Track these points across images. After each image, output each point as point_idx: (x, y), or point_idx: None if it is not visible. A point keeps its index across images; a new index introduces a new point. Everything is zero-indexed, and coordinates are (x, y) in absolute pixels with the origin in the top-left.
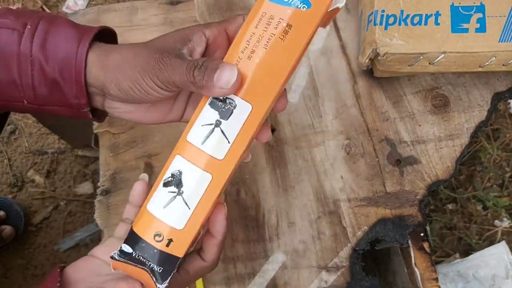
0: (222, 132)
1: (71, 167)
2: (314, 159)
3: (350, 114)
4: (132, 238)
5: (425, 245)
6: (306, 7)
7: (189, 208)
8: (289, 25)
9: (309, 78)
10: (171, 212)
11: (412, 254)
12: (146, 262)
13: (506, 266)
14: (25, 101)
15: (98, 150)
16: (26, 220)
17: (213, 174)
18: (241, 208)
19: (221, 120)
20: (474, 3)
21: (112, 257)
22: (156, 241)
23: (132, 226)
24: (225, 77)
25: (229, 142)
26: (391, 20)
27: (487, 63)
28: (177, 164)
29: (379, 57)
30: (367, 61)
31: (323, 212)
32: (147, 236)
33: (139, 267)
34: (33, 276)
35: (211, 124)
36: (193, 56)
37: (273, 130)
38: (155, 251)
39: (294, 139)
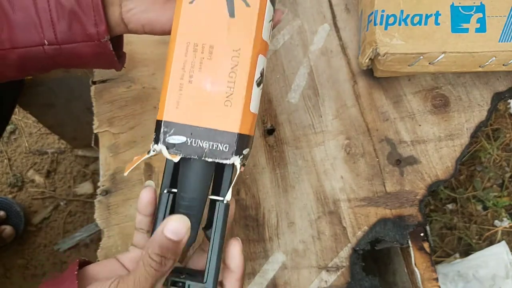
0: None
1: (71, 167)
2: (314, 159)
3: (350, 114)
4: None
5: (425, 245)
6: None
7: None
8: None
9: (309, 78)
10: None
11: (412, 254)
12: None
13: (506, 266)
14: (46, 42)
15: (98, 150)
16: (26, 220)
17: None
18: (241, 208)
19: None
20: (474, 3)
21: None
22: None
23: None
24: None
25: None
26: (391, 20)
27: (487, 63)
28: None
29: (379, 57)
30: (367, 61)
31: (323, 212)
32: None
33: None
34: (33, 276)
35: None
36: None
37: (273, 130)
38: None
39: (294, 139)
